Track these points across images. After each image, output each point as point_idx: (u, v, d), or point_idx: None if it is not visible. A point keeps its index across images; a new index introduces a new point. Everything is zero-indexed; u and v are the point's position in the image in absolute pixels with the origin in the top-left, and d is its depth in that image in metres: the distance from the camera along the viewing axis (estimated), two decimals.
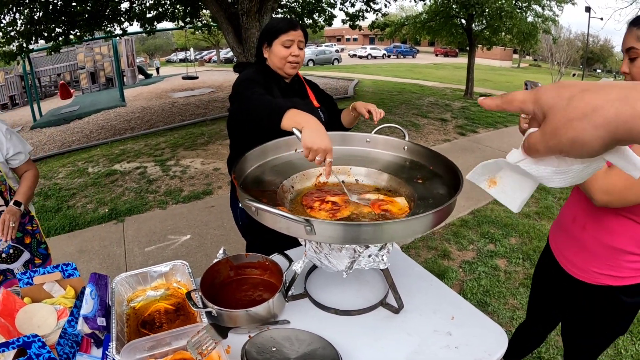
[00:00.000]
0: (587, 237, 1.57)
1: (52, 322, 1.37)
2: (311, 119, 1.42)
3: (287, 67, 2.05)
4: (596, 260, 1.56)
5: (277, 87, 2.05)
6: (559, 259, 1.76)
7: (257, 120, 1.57)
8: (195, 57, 39.55)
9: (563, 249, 1.73)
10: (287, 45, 2.00)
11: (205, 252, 4.18)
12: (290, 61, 2.03)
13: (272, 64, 2.07)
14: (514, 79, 26.43)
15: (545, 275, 1.95)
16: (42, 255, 2.47)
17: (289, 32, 1.99)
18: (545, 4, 13.35)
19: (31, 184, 2.36)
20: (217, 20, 7.23)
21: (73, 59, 21.33)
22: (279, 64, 2.04)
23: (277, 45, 2.01)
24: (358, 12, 11.51)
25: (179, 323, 1.40)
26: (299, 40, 2.02)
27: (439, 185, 1.45)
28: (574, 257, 1.66)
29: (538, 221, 4.87)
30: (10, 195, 2.26)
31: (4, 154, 2.26)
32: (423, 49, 56.57)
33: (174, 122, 11.20)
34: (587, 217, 1.57)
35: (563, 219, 1.76)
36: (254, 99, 1.63)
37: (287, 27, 1.99)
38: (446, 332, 1.38)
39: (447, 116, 10.96)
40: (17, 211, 2.19)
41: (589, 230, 1.56)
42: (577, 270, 1.64)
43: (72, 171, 6.88)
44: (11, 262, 2.29)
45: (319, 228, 1.06)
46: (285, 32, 1.99)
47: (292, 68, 2.06)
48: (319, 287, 1.59)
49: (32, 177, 2.39)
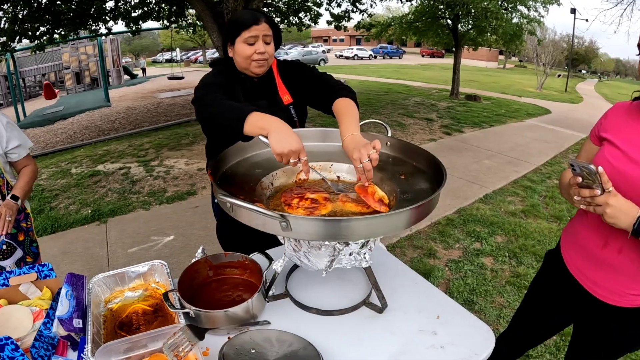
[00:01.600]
0: (625, 260, 1.44)
1: (28, 324, 1.33)
2: (274, 122, 1.34)
3: (253, 67, 1.80)
4: (637, 282, 1.45)
5: (241, 89, 1.87)
6: (582, 281, 1.61)
7: (219, 128, 1.48)
8: (182, 57, 39.43)
9: (590, 274, 1.57)
10: (250, 42, 1.75)
11: (189, 252, 4.13)
12: (256, 59, 1.78)
13: (238, 64, 1.85)
14: (500, 80, 26.68)
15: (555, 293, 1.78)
16: (34, 254, 2.42)
17: (251, 27, 1.73)
18: (530, 5, 13.47)
19: (29, 179, 2.30)
20: (202, 19, 7.18)
21: (58, 59, 21.19)
22: (244, 64, 1.81)
23: (239, 44, 1.77)
24: (344, 12, 11.51)
25: (157, 324, 1.37)
26: (264, 34, 1.76)
27: (422, 181, 1.42)
28: (606, 282, 1.52)
29: (524, 219, 4.88)
30: (7, 190, 2.21)
31: (3, 146, 2.18)
32: (409, 49, 56.92)
33: (158, 122, 11.14)
34: (624, 239, 1.41)
35: (588, 245, 1.56)
36: (215, 105, 1.51)
37: (249, 22, 1.74)
38: (431, 332, 1.35)
39: (433, 116, 11.00)
40: (14, 205, 2.12)
41: (626, 253, 1.43)
42: (611, 295, 1.51)
43: (55, 172, 6.78)
44: (4, 259, 2.24)
45: (295, 224, 1.03)
46: (247, 27, 1.74)
47: (259, 67, 1.81)
48: (300, 287, 1.56)
49: (30, 173, 2.32)
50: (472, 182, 6.10)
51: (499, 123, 10.72)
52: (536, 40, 16.67)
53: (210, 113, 1.52)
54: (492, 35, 14.18)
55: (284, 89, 1.97)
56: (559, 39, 34.17)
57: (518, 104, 15.01)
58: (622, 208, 1.23)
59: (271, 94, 1.94)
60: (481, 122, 10.47)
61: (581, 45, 49.84)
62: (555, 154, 7.98)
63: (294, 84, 1.96)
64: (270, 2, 10.96)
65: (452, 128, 9.67)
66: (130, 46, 59.81)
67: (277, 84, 1.96)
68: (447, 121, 10.41)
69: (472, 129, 9.77)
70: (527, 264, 3.91)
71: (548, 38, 28.81)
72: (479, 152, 7.85)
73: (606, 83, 40.93)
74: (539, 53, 26.34)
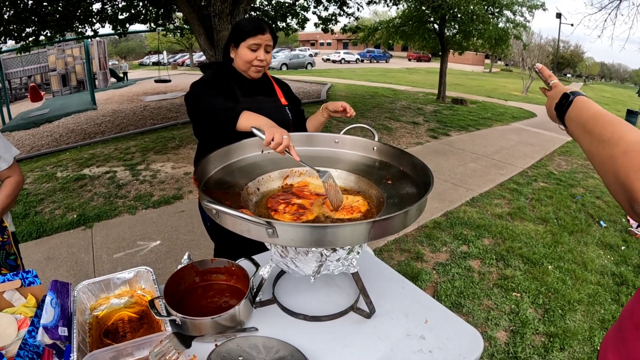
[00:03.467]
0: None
1: (13, 332, 1.31)
2: (266, 119, 1.47)
3: (251, 71, 1.99)
4: None
5: (238, 86, 1.99)
6: None
7: (212, 124, 1.61)
8: (169, 60, 39.24)
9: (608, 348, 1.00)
10: (253, 48, 1.93)
11: (175, 257, 4.10)
12: (255, 65, 1.96)
13: (237, 65, 2.01)
14: (486, 83, 26.85)
15: None
16: (11, 266, 2.25)
17: (257, 35, 1.91)
18: (516, 10, 13.59)
19: (11, 192, 2.14)
20: (189, 22, 7.17)
21: (44, 61, 20.95)
22: (244, 67, 1.98)
23: (243, 48, 1.94)
24: (331, 15, 11.54)
25: (143, 332, 1.35)
26: (266, 44, 1.95)
27: (409, 186, 1.43)
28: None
29: (511, 222, 4.92)
30: None
31: None
32: (396, 53, 57.20)
33: (145, 125, 11.04)
34: None
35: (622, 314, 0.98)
36: (207, 103, 1.65)
37: (255, 31, 1.92)
38: (419, 336, 1.35)
39: (420, 120, 11.06)
40: None
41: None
42: None
43: (41, 176, 6.70)
44: None
45: (281, 230, 1.03)
46: (253, 35, 1.91)
47: (256, 72, 2.00)
48: (287, 293, 1.55)
49: (13, 184, 2.16)
50: (458, 185, 6.13)
51: (484, 126, 10.79)
52: (522, 44, 16.81)
53: (203, 110, 1.69)
54: (478, 39, 14.29)
55: (280, 92, 2.17)
56: (544, 43, 34.50)
57: (504, 107, 15.12)
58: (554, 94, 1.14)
59: (269, 93, 2.13)
60: (467, 126, 10.55)
61: (566, 49, 50.46)
62: (541, 157, 8.05)
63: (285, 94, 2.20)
64: (259, 7, 10.95)
65: (438, 131, 9.73)
66: (117, 48, 59.47)
67: (274, 87, 2.17)
68: (434, 125, 10.47)
69: (458, 133, 9.83)
70: (514, 266, 3.93)
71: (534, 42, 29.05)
72: (464, 155, 7.89)
73: (591, 86, 41.37)
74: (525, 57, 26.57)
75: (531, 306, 3.39)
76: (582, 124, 0.97)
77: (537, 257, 4.08)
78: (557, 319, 3.22)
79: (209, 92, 1.81)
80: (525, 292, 3.56)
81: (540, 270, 3.87)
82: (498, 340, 2.98)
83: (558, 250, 4.27)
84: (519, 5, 13.49)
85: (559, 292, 3.56)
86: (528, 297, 3.49)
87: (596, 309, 3.40)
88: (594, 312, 3.35)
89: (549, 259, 4.10)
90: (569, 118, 1.03)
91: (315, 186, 1.56)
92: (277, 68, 32.30)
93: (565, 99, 1.05)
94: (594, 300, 3.51)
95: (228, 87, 1.94)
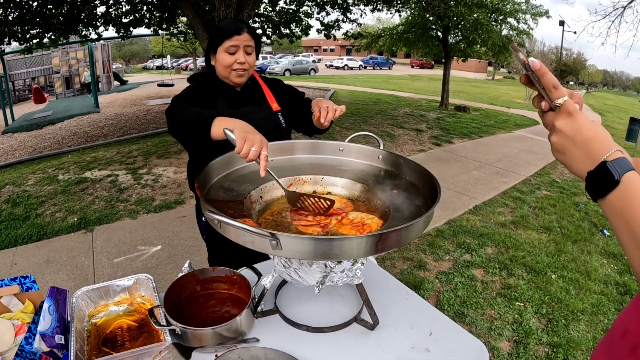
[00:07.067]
0: None
1: (10, 338, 1.29)
2: (240, 121, 1.39)
3: (233, 76, 1.86)
4: None
5: (224, 97, 1.90)
6: None
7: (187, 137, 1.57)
8: (172, 64, 39.29)
9: None
10: (231, 51, 1.81)
11: (175, 263, 4.08)
12: (235, 69, 1.84)
13: (219, 73, 1.90)
14: (489, 91, 26.85)
15: None
16: None
17: (233, 37, 1.79)
18: (520, 18, 13.61)
19: None
20: (193, 27, 7.18)
21: (48, 63, 20.99)
22: (224, 72, 1.86)
23: (221, 53, 1.83)
24: (334, 22, 11.56)
25: (142, 341, 1.33)
26: (245, 45, 1.82)
27: (415, 196, 1.40)
28: None
29: (514, 230, 4.89)
30: None
31: None
32: (399, 60, 57.28)
33: (147, 129, 11.05)
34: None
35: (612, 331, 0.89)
36: (181, 115, 1.58)
37: (231, 32, 1.80)
38: (424, 349, 1.32)
39: (423, 127, 11.05)
40: None
41: None
42: None
43: (42, 178, 6.69)
44: None
45: (286, 242, 1.00)
46: (229, 37, 1.80)
47: (239, 77, 1.87)
48: (290, 303, 1.52)
49: None
50: (461, 193, 6.11)
51: (487, 134, 10.78)
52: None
53: (179, 122, 1.59)
54: (481, 46, 14.32)
55: (272, 97, 2.02)
56: (547, 50, 34.60)
57: (506, 115, 15.10)
58: (575, 138, 0.81)
59: (258, 101, 1.99)
60: (470, 133, 10.53)
61: (569, 56, 50.43)
62: (544, 165, 8.02)
63: (278, 96, 2.05)
64: (262, 12, 10.97)
65: (441, 139, 9.72)
66: (121, 52, 59.72)
67: (264, 92, 2.02)
68: (437, 132, 10.46)
69: (461, 140, 9.82)
70: (517, 275, 3.90)
71: (537, 50, 29.08)
72: (467, 162, 7.87)
73: (593, 94, 41.31)
74: None
75: (534, 316, 3.36)
76: (626, 222, 0.71)
77: (541, 266, 4.05)
78: (560, 329, 3.19)
79: (185, 105, 1.71)
80: (528, 301, 3.53)
81: (543, 279, 3.84)
82: (501, 351, 2.95)
83: (561, 259, 4.24)
84: (522, 12, 13.51)
85: (563, 301, 3.54)
86: (531, 307, 3.46)
87: (600, 318, 3.37)
88: (598, 322, 3.32)
89: (553, 268, 4.07)
90: (608, 203, 0.76)
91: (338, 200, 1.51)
92: (280, 74, 32.41)
93: (605, 177, 0.75)
94: (597, 310, 3.48)
95: (212, 99, 1.86)
